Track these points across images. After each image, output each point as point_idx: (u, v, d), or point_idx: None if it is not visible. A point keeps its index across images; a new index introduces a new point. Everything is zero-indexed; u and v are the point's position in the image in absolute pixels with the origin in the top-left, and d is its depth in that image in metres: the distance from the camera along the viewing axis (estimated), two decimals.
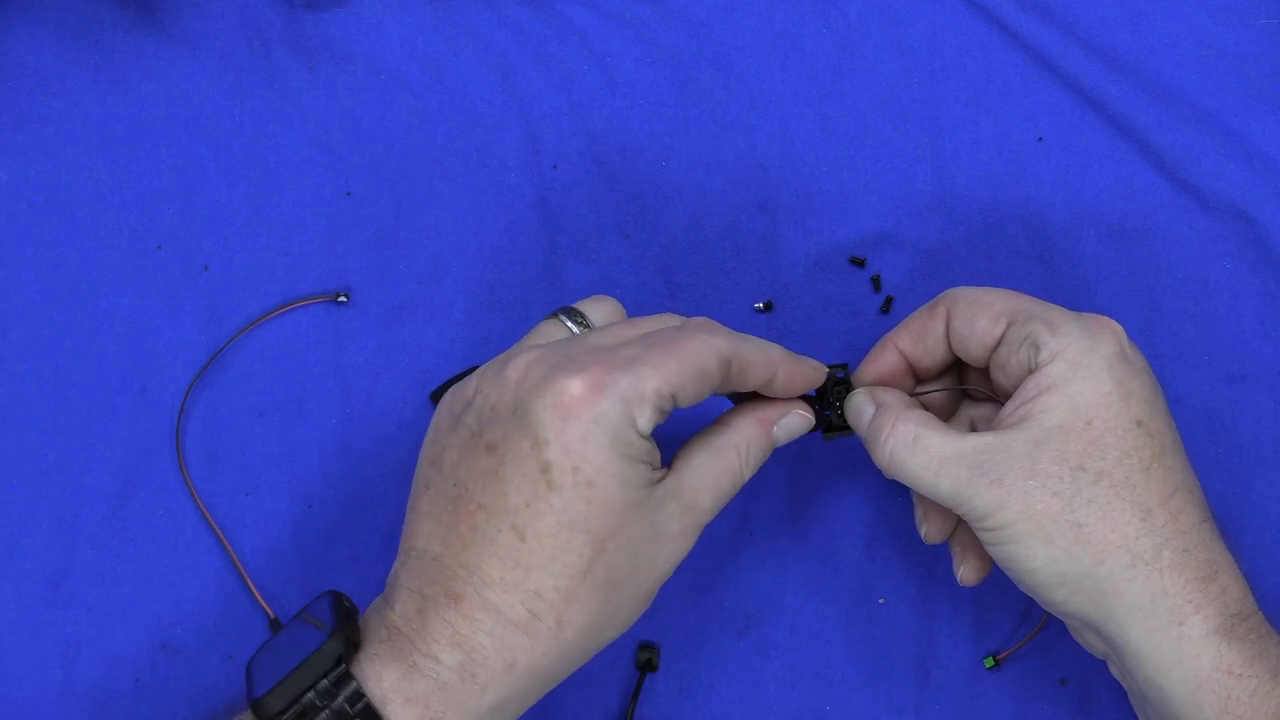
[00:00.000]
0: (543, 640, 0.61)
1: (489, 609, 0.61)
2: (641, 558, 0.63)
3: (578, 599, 0.61)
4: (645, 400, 0.61)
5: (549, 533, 0.60)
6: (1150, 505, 0.63)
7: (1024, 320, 0.65)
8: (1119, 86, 0.78)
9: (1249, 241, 0.78)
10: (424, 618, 0.61)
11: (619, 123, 0.79)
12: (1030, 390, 0.64)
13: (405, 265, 0.78)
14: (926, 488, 0.65)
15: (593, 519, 0.61)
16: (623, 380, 0.61)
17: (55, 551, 0.75)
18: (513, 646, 0.61)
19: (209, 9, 0.80)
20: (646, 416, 0.61)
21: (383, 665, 0.61)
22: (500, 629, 0.61)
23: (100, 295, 0.77)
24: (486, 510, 0.61)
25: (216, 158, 0.79)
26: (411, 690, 0.61)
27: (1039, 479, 0.63)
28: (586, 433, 0.60)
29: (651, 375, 0.61)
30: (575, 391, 0.60)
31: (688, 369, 0.62)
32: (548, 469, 0.60)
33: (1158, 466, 0.64)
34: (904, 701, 0.75)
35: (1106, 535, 0.63)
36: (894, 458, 0.65)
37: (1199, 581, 0.63)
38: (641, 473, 0.62)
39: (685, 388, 0.62)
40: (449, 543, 0.62)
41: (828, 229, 0.78)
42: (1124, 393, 0.64)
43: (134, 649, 0.75)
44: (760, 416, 0.67)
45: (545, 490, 0.60)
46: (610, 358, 0.62)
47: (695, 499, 0.64)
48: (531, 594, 0.61)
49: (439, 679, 0.61)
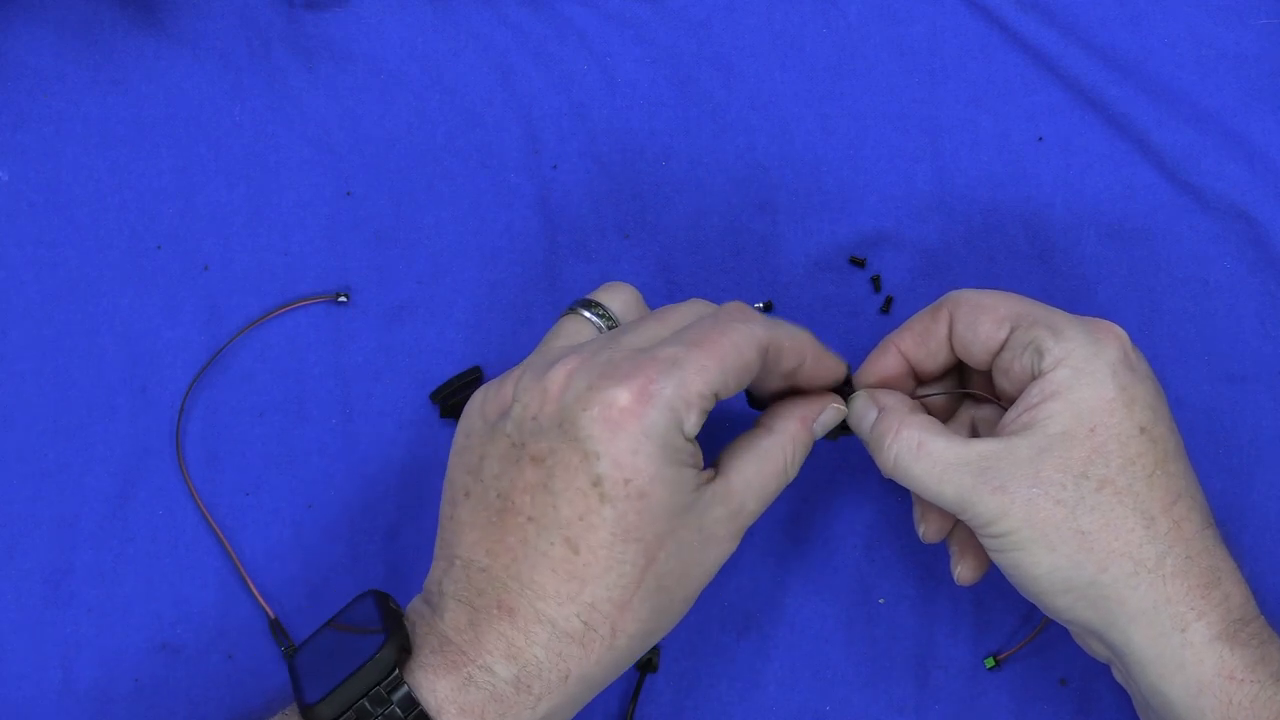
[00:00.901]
0: (596, 650, 0.61)
1: (544, 622, 0.61)
2: (691, 562, 0.63)
3: (630, 608, 0.61)
4: (691, 405, 0.61)
5: (603, 545, 0.60)
6: (1153, 512, 0.63)
7: (1028, 325, 0.65)
8: (1119, 86, 0.78)
9: (1249, 241, 0.78)
10: (476, 630, 0.61)
11: (619, 123, 0.79)
12: (1034, 397, 0.64)
13: (405, 265, 0.78)
14: (930, 493, 0.65)
15: (645, 528, 0.61)
16: (668, 387, 0.60)
17: (55, 551, 0.75)
18: (567, 658, 0.61)
19: (209, 9, 0.80)
20: (693, 421, 0.61)
21: (436, 676, 0.61)
22: (556, 641, 0.61)
23: (100, 295, 0.77)
24: (537, 524, 0.61)
25: (216, 158, 0.79)
26: (467, 701, 0.60)
27: (1042, 486, 0.63)
28: (637, 445, 0.60)
29: (696, 378, 0.61)
30: (623, 404, 0.60)
31: (729, 365, 0.62)
32: (599, 482, 0.60)
33: (1160, 473, 0.64)
34: (904, 701, 0.75)
35: (1110, 543, 0.63)
36: (898, 463, 0.65)
37: (1202, 588, 0.63)
38: (688, 476, 0.62)
39: (728, 384, 0.62)
40: (496, 554, 0.62)
41: (828, 229, 0.78)
42: (1127, 399, 0.64)
43: (134, 649, 0.75)
44: (801, 415, 0.67)
45: (598, 504, 0.60)
46: (652, 363, 0.61)
47: (743, 502, 0.64)
48: (586, 606, 0.61)
49: (494, 690, 0.61)
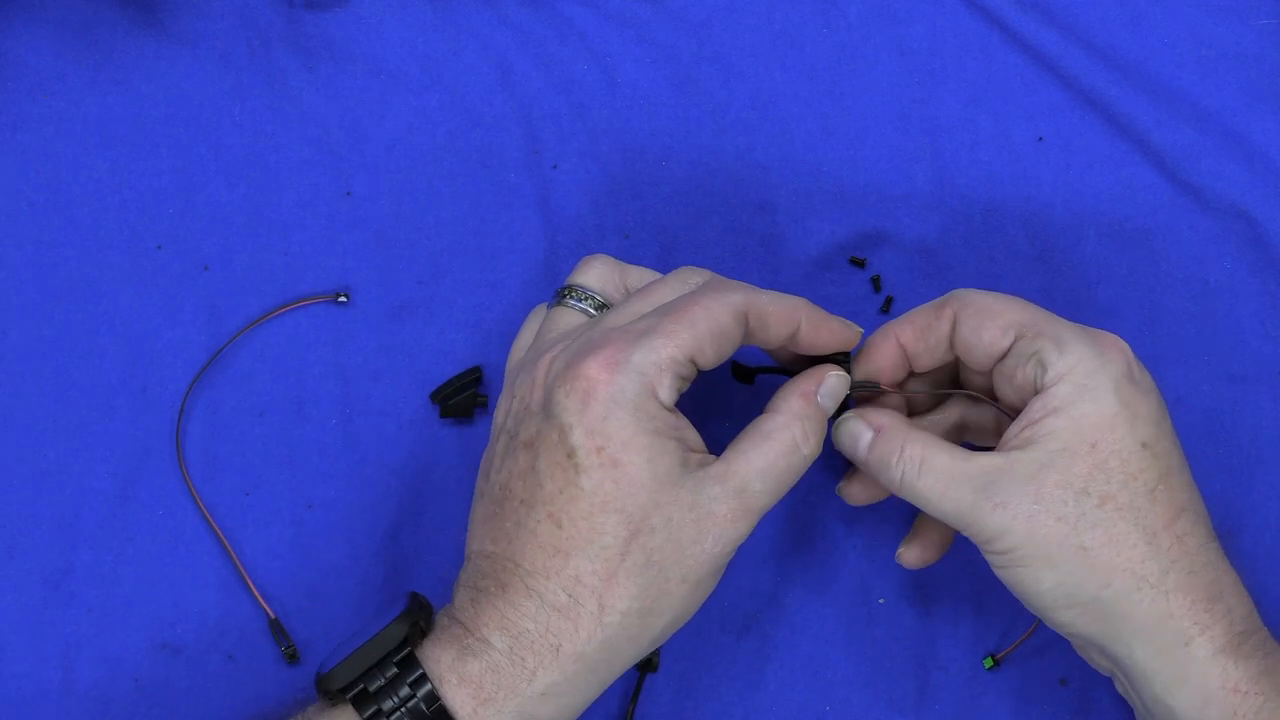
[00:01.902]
0: (585, 625, 0.62)
1: (532, 595, 0.62)
2: (686, 539, 0.62)
3: (617, 581, 0.62)
4: (663, 369, 0.62)
5: (582, 516, 0.62)
6: (1155, 528, 0.63)
7: (1032, 336, 0.65)
8: (1119, 86, 0.78)
9: (1249, 241, 0.78)
10: (476, 606, 0.63)
11: (619, 123, 0.79)
12: (1036, 411, 0.64)
13: (405, 265, 0.78)
14: (933, 508, 0.65)
15: (624, 498, 0.61)
16: (636, 354, 0.61)
17: (55, 551, 0.75)
18: (556, 631, 0.62)
19: (209, 9, 0.80)
20: (666, 386, 0.62)
21: (440, 649, 0.63)
22: (543, 614, 0.62)
23: (100, 295, 0.77)
24: (527, 504, 0.63)
25: (216, 158, 0.79)
26: (465, 670, 0.62)
27: (1043, 503, 0.63)
28: (606, 412, 0.61)
29: (665, 343, 0.62)
30: (592, 374, 0.61)
31: (702, 331, 0.62)
32: (574, 453, 0.61)
33: (1163, 488, 0.64)
34: (904, 701, 0.75)
35: (1112, 559, 0.63)
36: (904, 480, 0.65)
37: (1205, 602, 0.63)
38: (670, 448, 0.62)
39: (704, 350, 0.63)
40: (497, 540, 0.64)
41: (828, 229, 0.78)
42: (1130, 414, 0.63)
43: (134, 649, 0.75)
44: (801, 391, 0.66)
45: (575, 475, 0.61)
46: (623, 335, 0.62)
47: (745, 482, 0.63)
48: (571, 579, 0.62)
49: (490, 661, 0.62)
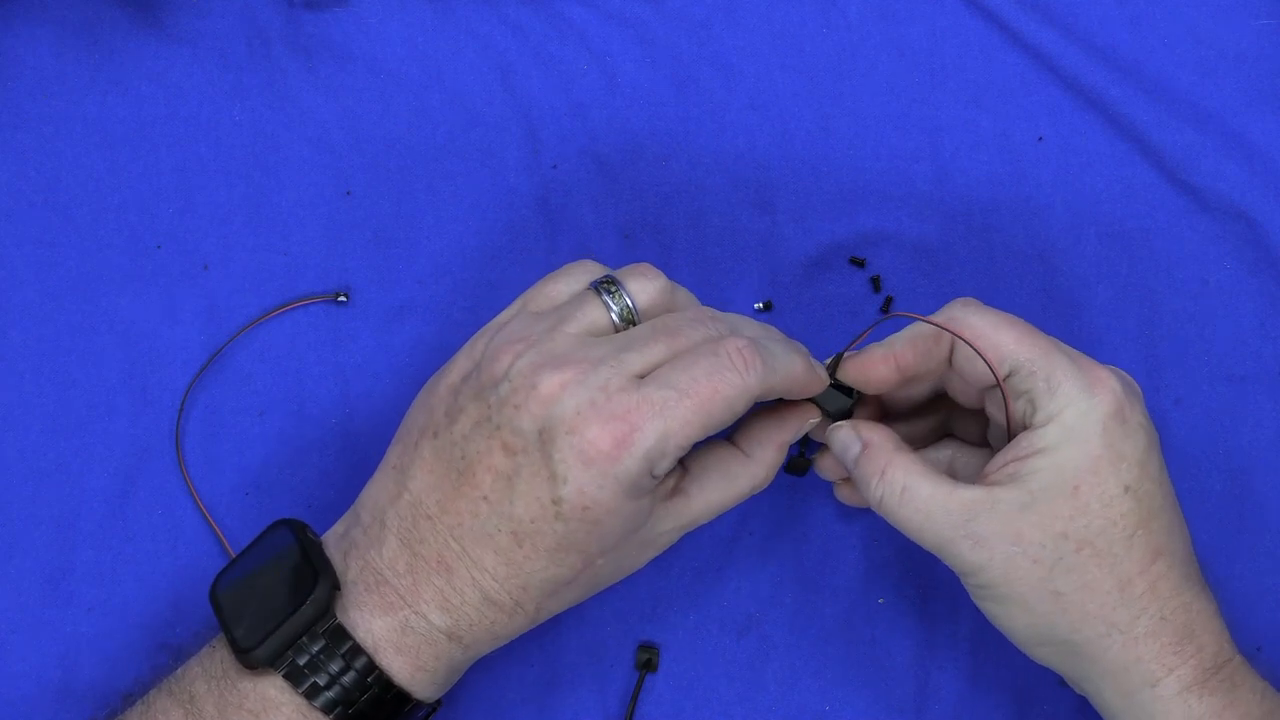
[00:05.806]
0: (520, 620, 0.66)
1: (478, 589, 0.64)
2: (626, 563, 0.67)
3: (558, 596, 0.66)
4: (668, 455, 0.62)
5: (546, 549, 0.63)
6: (1130, 575, 0.64)
7: (1025, 374, 0.65)
8: (1119, 86, 0.78)
9: (1249, 241, 0.78)
10: (414, 577, 0.64)
11: (619, 123, 0.79)
12: (1022, 449, 0.64)
13: (405, 265, 0.78)
14: (912, 536, 0.66)
15: (590, 545, 0.63)
16: (650, 437, 0.61)
17: (55, 551, 0.75)
18: (495, 622, 0.65)
19: (209, 9, 0.80)
20: (664, 466, 0.63)
21: (372, 615, 0.64)
22: (486, 607, 0.64)
23: (100, 295, 0.77)
24: (491, 506, 0.63)
25: (216, 158, 0.79)
26: (403, 643, 0.64)
27: (1021, 545, 0.63)
28: (603, 483, 0.62)
29: (679, 431, 0.62)
30: (602, 447, 0.61)
31: (715, 419, 0.63)
32: (559, 502, 0.62)
33: (1142, 532, 0.64)
34: (904, 701, 0.75)
35: (1084, 604, 0.64)
36: (883, 504, 0.66)
37: (1174, 644, 0.64)
38: (645, 505, 0.64)
39: (710, 431, 0.63)
40: (445, 510, 0.64)
41: (828, 229, 0.78)
42: (1114, 456, 0.64)
43: (134, 649, 0.75)
44: (779, 443, 0.69)
45: (552, 519, 0.62)
46: (639, 409, 0.62)
47: (696, 518, 0.68)
48: (519, 589, 0.64)
49: (429, 636, 0.64)
